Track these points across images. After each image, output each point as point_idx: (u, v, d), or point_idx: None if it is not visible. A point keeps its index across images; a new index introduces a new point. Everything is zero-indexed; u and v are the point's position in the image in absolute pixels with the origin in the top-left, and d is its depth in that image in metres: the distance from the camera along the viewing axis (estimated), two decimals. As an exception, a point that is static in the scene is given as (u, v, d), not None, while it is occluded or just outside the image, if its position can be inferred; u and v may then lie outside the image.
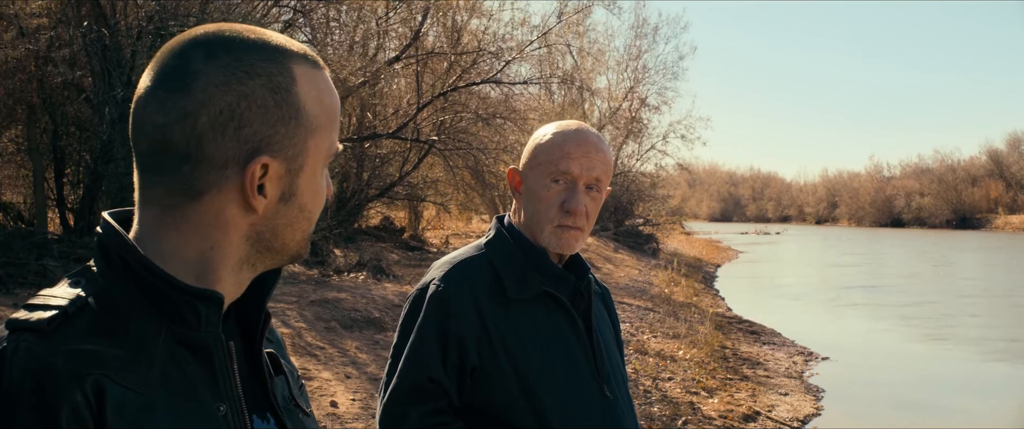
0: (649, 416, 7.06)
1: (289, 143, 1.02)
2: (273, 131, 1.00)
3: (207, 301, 1.00)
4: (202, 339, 1.00)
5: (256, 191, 1.01)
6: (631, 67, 33.79)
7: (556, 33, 19.61)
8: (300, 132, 1.03)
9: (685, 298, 15.84)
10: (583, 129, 1.92)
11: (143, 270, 0.99)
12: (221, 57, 1.00)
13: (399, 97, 17.29)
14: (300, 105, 1.02)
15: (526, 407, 1.80)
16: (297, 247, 1.09)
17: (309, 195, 1.06)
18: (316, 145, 1.05)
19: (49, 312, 0.94)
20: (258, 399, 1.09)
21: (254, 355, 1.11)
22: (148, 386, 0.94)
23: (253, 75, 1.00)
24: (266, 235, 1.05)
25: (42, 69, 9.13)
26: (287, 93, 1.01)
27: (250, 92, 0.99)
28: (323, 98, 1.06)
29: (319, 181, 1.07)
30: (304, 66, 1.04)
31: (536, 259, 1.90)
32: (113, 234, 1.01)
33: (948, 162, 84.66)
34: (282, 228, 1.05)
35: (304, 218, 1.07)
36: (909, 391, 9.62)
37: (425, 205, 20.76)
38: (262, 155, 1.00)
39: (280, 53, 1.03)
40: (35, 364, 0.90)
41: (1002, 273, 26.08)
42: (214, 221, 1.02)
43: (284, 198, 1.04)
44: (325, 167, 1.08)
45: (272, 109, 1.00)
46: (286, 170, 1.02)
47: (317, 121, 1.04)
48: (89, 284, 0.98)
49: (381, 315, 8.60)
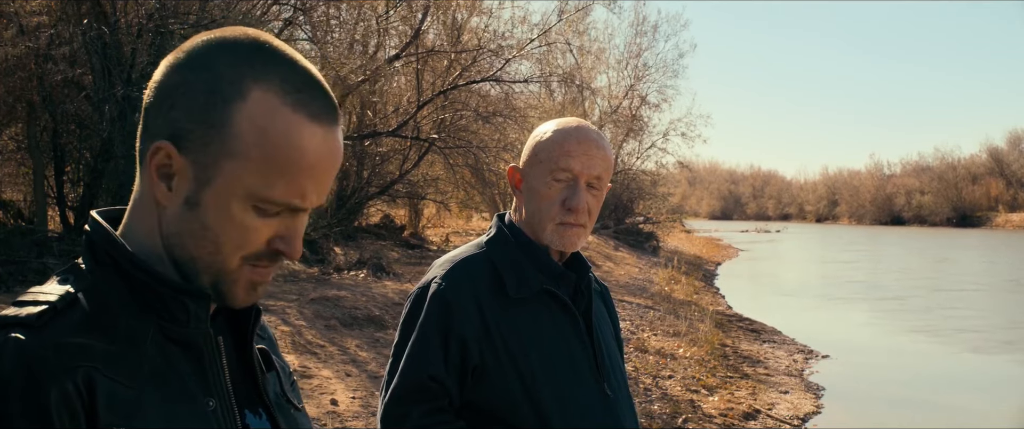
0: (649, 414, 7.05)
1: (201, 148, 0.98)
2: (190, 128, 0.99)
3: (196, 298, 1.00)
4: (191, 336, 1.00)
5: (157, 173, 1.00)
6: (631, 65, 33.76)
7: (556, 31, 19.63)
8: (217, 146, 0.98)
9: (685, 296, 15.83)
10: (583, 127, 1.92)
11: (131, 267, 0.99)
12: (212, 51, 1.00)
13: (399, 95, 17.29)
14: (231, 122, 0.97)
15: (527, 405, 1.79)
16: (207, 272, 1.02)
17: (215, 216, 1.00)
18: (235, 172, 0.98)
19: (38, 307, 0.94)
20: (250, 395, 1.09)
21: (245, 351, 1.11)
22: (138, 381, 0.94)
23: (206, 69, 0.99)
24: (173, 239, 1.01)
25: (42, 67, 9.12)
26: (223, 103, 0.98)
27: (191, 82, 0.99)
28: (272, 136, 0.97)
29: (232, 210, 0.99)
30: (276, 99, 0.98)
31: (537, 257, 1.89)
32: (101, 231, 1.02)
33: (948, 160, 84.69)
34: (186, 236, 1.01)
35: (209, 240, 1.00)
36: (909, 389, 9.62)
37: (425, 203, 20.78)
38: (173, 143, 0.99)
39: (257, 71, 0.98)
40: (26, 356, 0.90)
41: (1003, 271, 26.07)
42: (147, 200, 1.02)
43: (188, 203, 1.00)
44: (249, 204, 1.00)
45: (198, 109, 0.98)
46: (193, 175, 0.99)
47: (246, 150, 0.97)
48: (78, 281, 0.99)
49: (381, 313, 8.60)
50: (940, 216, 77.53)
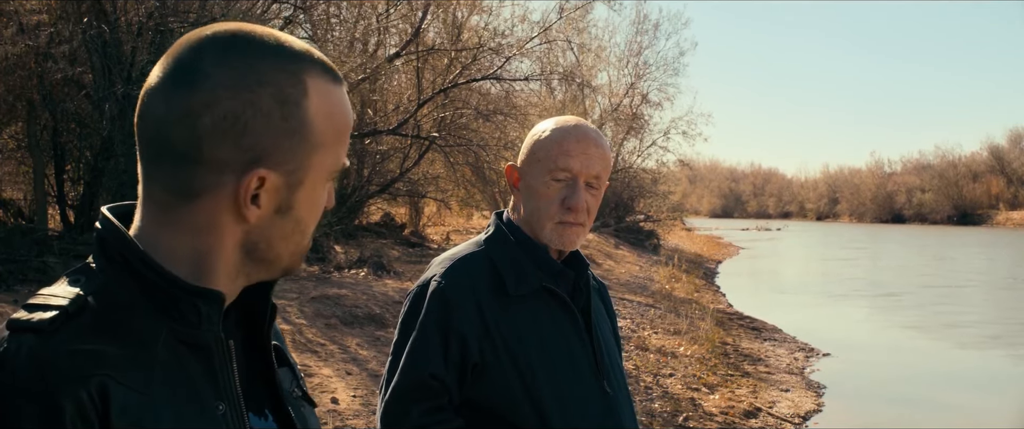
0: (650, 412, 7.05)
1: (290, 157, 0.99)
2: (275, 143, 0.97)
3: (208, 300, 0.99)
4: (203, 338, 0.99)
5: (250, 201, 0.98)
6: (632, 63, 33.75)
7: (556, 29, 19.58)
8: (304, 148, 0.99)
9: (686, 294, 15.83)
10: (582, 125, 1.92)
11: (143, 267, 0.97)
12: (234, 60, 0.97)
13: (399, 93, 17.28)
14: (308, 120, 0.99)
15: (526, 403, 1.80)
16: (290, 260, 1.06)
17: (306, 209, 1.03)
18: (320, 161, 1.02)
19: (50, 312, 0.92)
20: (258, 397, 1.08)
21: (257, 350, 1.10)
22: (150, 386, 0.93)
23: (263, 83, 0.97)
24: (260, 245, 1.02)
25: (42, 65, 9.11)
26: (296, 107, 0.98)
27: (257, 100, 0.96)
28: (334, 114, 1.02)
29: (319, 195, 1.04)
30: (320, 79, 1.01)
31: (536, 255, 1.89)
32: (112, 230, 1.00)
33: (949, 158, 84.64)
34: (276, 240, 1.03)
35: (299, 231, 1.04)
36: (910, 387, 9.62)
37: (426, 201, 20.78)
38: (260, 166, 0.97)
39: (296, 63, 0.99)
40: (39, 364, 0.89)
41: (1003, 269, 26.05)
42: (207, 225, 0.99)
43: (280, 211, 1.01)
44: (328, 182, 1.05)
45: (277, 121, 0.97)
46: (284, 183, 0.99)
47: (324, 137, 1.01)
48: (89, 282, 0.96)
49: (382, 311, 8.60)
50: (941, 214, 77.47)
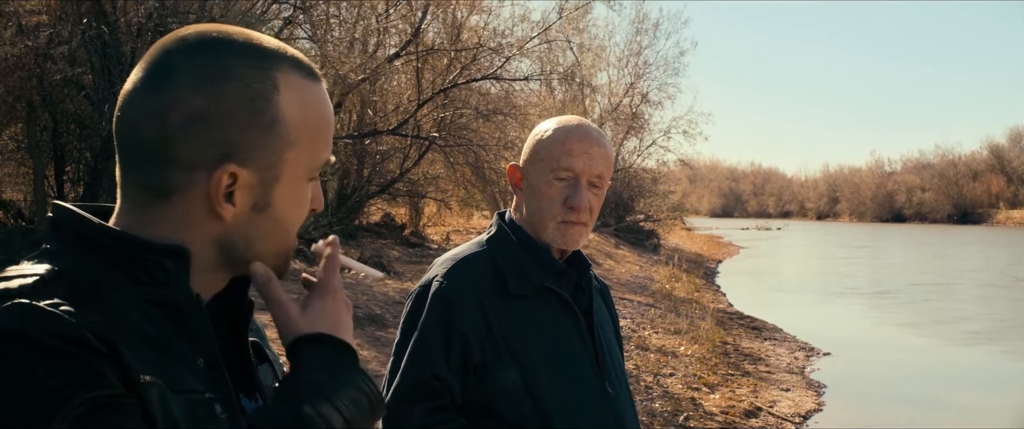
0: (651, 412, 7.05)
1: (263, 153, 0.98)
2: (244, 139, 0.97)
3: (174, 256, 0.97)
4: (173, 297, 0.97)
5: (224, 198, 0.98)
6: (632, 63, 33.71)
7: (556, 29, 19.57)
8: (276, 143, 0.99)
9: (686, 294, 15.83)
10: (584, 125, 1.91)
11: (102, 236, 0.97)
12: (200, 57, 0.97)
13: (399, 94, 17.27)
14: (279, 115, 0.99)
15: (528, 403, 1.79)
16: (274, 260, 1.05)
17: (286, 207, 1.02)
18: (296, 158, 1.01)
19: (29, 279, 0.90)
20: (247, 384, 1.08)
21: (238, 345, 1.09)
22: (135, 349, 0.91)
23: (228, 79, 0.97)
24: (239, 244, 1.02)
25: (42, 66, 9.11)
26: (265, 102, 0.98)
27: (222, 96, 0.96)
28: (309, 110, 1.01)
29: (301, 193, 1.03)
30: (293, 75, 1.01)
31: (538, 255, 1.89)
32: (66, 213, 0.99)
33: (949, 157, 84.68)
34: (255, 239, 1.02)
35: (280, 230, 1.03)
36: (911, 386, 9.61)
37: (426, 201, 20.76)
38: (230, 162, 0.97)
39: (266, 59, 0.99)
40: (37, 312, 0.86)
41: (1003, 268, 26.06)
42: (182, 223, 0.99)
43: (256, 208, 1.00)
44: (310, 180, 1.04)
45: (244, 116, 0.97)
46: (259, 180, 0.99)
47: (298, 133, 1.00)
48: (53, 260, 0.94)
49: (382, 312, 8.60)
50: (941, 213, 77.49)
